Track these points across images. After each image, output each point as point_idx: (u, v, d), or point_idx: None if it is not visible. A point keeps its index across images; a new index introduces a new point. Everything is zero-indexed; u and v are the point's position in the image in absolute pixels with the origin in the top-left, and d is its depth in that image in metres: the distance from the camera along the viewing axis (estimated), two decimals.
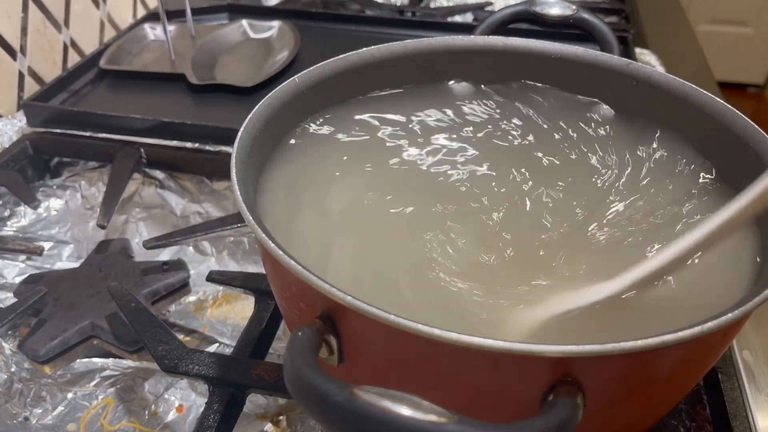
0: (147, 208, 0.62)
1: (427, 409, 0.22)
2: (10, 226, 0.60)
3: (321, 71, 0.43)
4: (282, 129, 0.42)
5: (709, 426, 0.41)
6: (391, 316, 0.25)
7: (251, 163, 0.37)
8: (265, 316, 0.47)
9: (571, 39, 0.60)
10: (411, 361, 0.29)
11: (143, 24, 0.83)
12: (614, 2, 1.00)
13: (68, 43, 0.80)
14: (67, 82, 0.72)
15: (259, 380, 0.42)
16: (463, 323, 0.32)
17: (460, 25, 0.88)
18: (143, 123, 0.65)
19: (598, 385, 0.27)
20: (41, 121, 0.67)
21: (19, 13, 0.71)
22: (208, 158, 0.63)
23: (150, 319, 0.45)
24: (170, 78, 0.74)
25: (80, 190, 0.64)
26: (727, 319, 0.26)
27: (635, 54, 0.80)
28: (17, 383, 0.45)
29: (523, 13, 0.54)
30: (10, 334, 0.49)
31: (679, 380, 0.32)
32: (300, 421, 0.43)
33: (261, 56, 0.79)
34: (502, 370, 0.27)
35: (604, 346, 0.25)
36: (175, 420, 0.44)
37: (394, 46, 0.46)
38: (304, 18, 0.88)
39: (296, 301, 0.31)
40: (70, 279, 0.52)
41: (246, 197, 0.33)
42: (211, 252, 0.58)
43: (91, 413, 0.44)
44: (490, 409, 0.29)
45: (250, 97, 0.70)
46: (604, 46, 0.52)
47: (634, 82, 0.44)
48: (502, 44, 0.47)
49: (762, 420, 0.40)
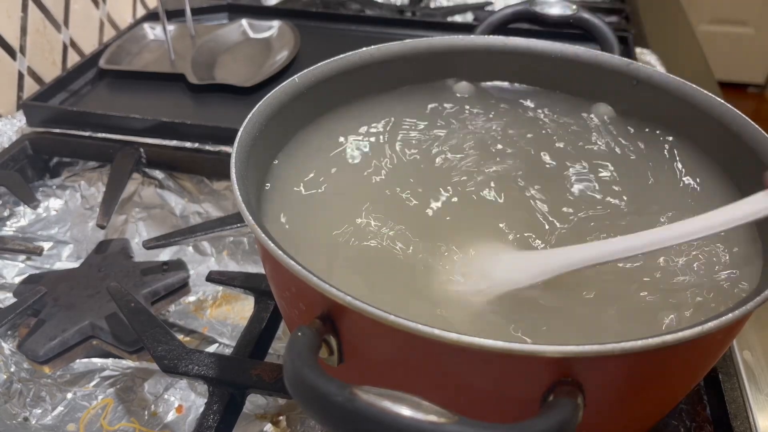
0: (147, 208, 0.62)
1: (427, 409, 0.22)
2: (10, 226, 0.60)
3: (321, 71, 0.43)
4: (282, 129, 0.42)
5: (709, 426, 0.41)
6: (390, 316, 0.25)
7: (251, 163, 0.37)
8: (265, 316, 0.47)
9: (572, 39, 0.60)
10: (411, 361, 0.29)
11: (143, 24, 0.83)
12: (614, 2, 1.00)
13: (68, 43, 0.80)
14: (66, 82, 0.72)
15: (259, 380, 0.41)
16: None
17: (460, 25, 0.88)
18: (143, 123, 0.65)
19: (598, 385, 0.27)
20: (41, 121, 0.67)
21: (18, 12, 0.71)
22: (208, 158, 0.63)
23: (150, 319, 0.45)
24: (170, 78, 0.74)
25: (80, 190, 0.64)
26: (727, 319, 0.26)
27: (635, 54, 0.80)
28: (17, 383, 0.45)
29: (523, 12, 0.54)
30: (9, 335, 0.49)
31: (679, 380, 0.32)
32: (300, 421, 0.43)
33: (261, 56, 0.79)
34: (502, 370, 0.27)
35: (604, 346, 0.25)
36: (175, 420, 0.44)
37: (394, 46, 0.46)
38: (304, 18, 0.88)
39: (296, 301, 0.31)
40: (70, 279, 0.52)
41: (246, 197, 0.32)
42: (210, 252, 0.57)
43: (90, 413, 0.44)
44: (490, 409, 0.29)
45: (250, 97, 0.70)
46: (605, 45, 0.52)
47: (634, 82, 0.44)
48: (502, 44, 0.47)
49: (762, 420, 0.40)
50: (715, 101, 0.40)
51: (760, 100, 2.41)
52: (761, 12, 2.24)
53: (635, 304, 0.33)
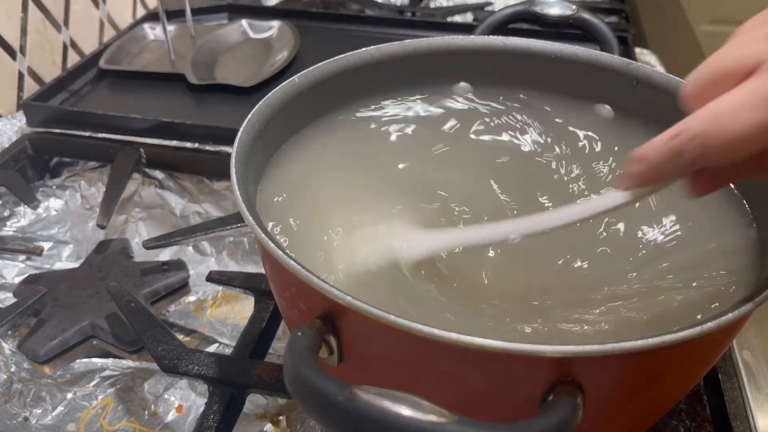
0: (147, 208, 0.62)
1: (427, 409, 0.22)
2: (10, 226, 0.60)
3: (321, 71, 0.43)
4: (282, 129, 0.42)
5: (709, 426, 0.41)
6: (390, 316, 0.25)
7: (251, 163, 0.37)
8: (265, 316, 0.47)
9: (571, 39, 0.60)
10: (411, 361, 0.29)
11: (143, 24, 0.83)
12: (614, 2, 1.00)
13: (68, 43, 0.80)
14: (66, 82, 0.72)
15: (259, 380, 0.42)
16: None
17: (460, 25, 0.88)
18: (143, 123, 0.65)
19: (598, 385, 0.27)
20: (41, 121, 0.67)
21: (18, 13, 0.71)
22: (208, 158, 0.63)
23: (150, 319, 0.45)
24: (170, 78, 0.74)
25: (80, 190, 0.64)
26: (727, 319, 0.26)
27: (635, 54, 0.80)
28: (17, 383, 0.45)
29: (523, 13, 0.54)
30: (9, 335, 0.49)
31: (679, 380, 0.32)
32: (300, 421, 0.43)
33: (261, 56, 0.79)
34: (502, 370, 0.27)
35: (604, 346, 0.25)
36: (175, 420, 0.44)
37: (394, 46, 0.46)
38: (304, 18, 0.88)
39: (296, 301, 0.31)
40: (70, 279, 0.52)
41: (246, 197, 0.32)
42: (210, 252, 0.57)
43: (90, 413, 0.44)
44: (490, 409, 0.29)
45: (250, 97, 0.70)
46: (604, 46, 0.52)
47: (634, 82, 0.44)
48: (502, 44, 0.47)
49: (762, 420, 0.40)
50: None
51: None
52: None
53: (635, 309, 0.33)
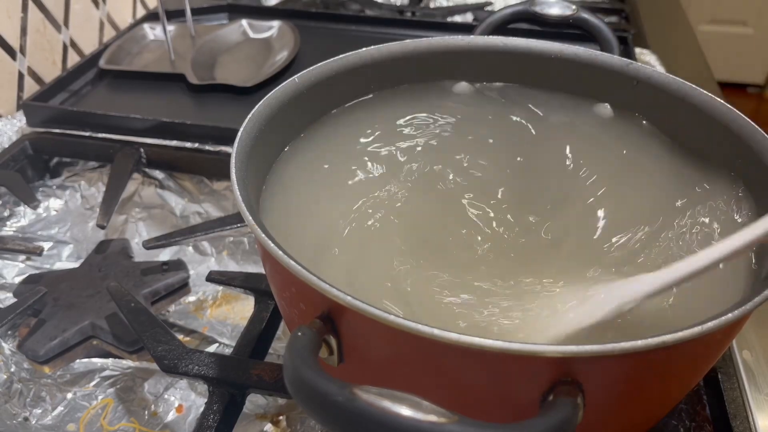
0: (147, 208, 0.62)
1: (427, 409, 0.22)
2: (10, 226, 0.60)
3: (321, 71, 0.43)
4: (282, 129, 0.42)
5: (709, 426, 0.41)
6: (390, 316, 0.25)
7: (251, 163, 0.37)
8: (265, 316, 0.47)
9: (571, 39, 0.60)
10: (411, 361, 0.29)
11: (143, 24, 0.83)
12: (614, 2, 1.00)
13: (68, 43, 0.80)
14: (66, 82, 0.72)
15: (259, 380, 0.42)
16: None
17: (460, 25, 0.88)
18: (143, 123, 0.65)
19: (598, 385, 0.27)
20: (41, 121, 0.67)
21: (18, 13, 0.71)
22: (208, 158, 0.63)
23: (150, 319, 0.45)
24: (170, 78, 0.74)
25: (80, 190, 0.64)
26: (727, 319, 0.26)
27: (635, 54, 0.80)
28: (17, 383, 0.45)
29: (523, 13, 0.54)
30: (9, 335, 0.49)
31: (679, 380, 0.32)
32: (300, 421, 0.43)
33: (261, 56, 0.79)
34: (502, 370, 0.27)
35: (604, 346, 0.25)
36: (175, 420, 0.44)
37: (394, 46, 0.46)
38: (304, 18, 0.88)
39: (296, 301, 0.31)
40: (70, 279, 0.52)
41: (246, 197, 0.32)
42: (210, 252, 0.57)
43: (90, 413, 0.44)
44: (490, 409, 0.29)
45: (250, 97, 0.70)
46: (604, 46, 0.52)
47: (634, 82, 0.44)
48: (502, 44, 0.47)
49: (762, 420, 0.40)
50: (715, 101, 0.40)
51: (759, 100, 2.41)
52: (760, 12, 2.24)
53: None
